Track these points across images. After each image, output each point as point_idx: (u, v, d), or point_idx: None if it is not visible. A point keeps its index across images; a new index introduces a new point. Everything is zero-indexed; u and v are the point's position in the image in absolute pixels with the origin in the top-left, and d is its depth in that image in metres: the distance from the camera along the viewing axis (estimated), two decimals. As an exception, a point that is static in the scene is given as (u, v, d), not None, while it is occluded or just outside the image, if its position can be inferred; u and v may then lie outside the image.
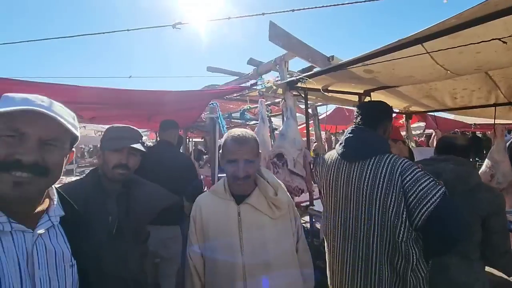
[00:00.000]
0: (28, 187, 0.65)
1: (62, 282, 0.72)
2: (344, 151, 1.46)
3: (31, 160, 0.64)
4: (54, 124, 0.68)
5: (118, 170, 1.26)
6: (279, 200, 1.22)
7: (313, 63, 3.17)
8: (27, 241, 0.67)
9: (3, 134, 0.64)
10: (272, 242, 1.19)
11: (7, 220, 0.65)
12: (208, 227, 1.22)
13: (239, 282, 1.14)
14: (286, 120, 2.91)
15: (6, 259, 0.63)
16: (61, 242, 0.75)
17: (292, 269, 1.25)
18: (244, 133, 1.22)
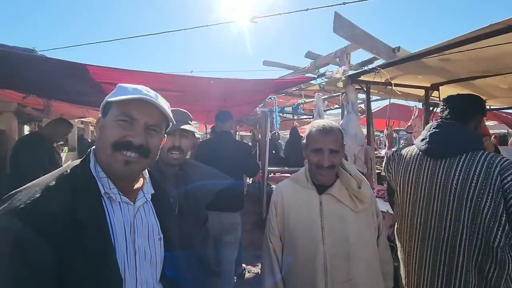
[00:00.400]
0: (134, 165, 0.73)
1: (153, 252, 0.80)
2: (429, 147, 1.36)
3: (140, 142, 0.73)
4: (157, 112, 0.77)
5: (173, 153, 1.30)
6: (362, 193, 1.20)
7: (377, 54, 3.00)
8: (130, 212, 0.76)
9: (119, 119, 0.73)
10: (354, 234, 1.17)
11: (117, 192, 0.74)
12: (289, 213, 1.25)
13: (320, 270, 1.15)
14: (346, 114, 2.82)
15: (116, 225, 0.72)
16: (152, 216, 0.83)
17: (374, 264, 1.23)
18: (329, 123, 1.22)
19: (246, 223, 5.16)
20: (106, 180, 0.73)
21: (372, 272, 1.21)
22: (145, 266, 0.77)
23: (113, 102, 0.74)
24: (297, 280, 1.21)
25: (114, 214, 0.73)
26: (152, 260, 0.79)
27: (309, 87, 3.35)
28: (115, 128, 0.72)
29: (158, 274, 0.81)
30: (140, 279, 0.74)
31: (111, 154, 0.71)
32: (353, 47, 3.01)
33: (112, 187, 0.73)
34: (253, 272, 3.39)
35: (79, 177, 0.71)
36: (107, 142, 0.71)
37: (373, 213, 1.28)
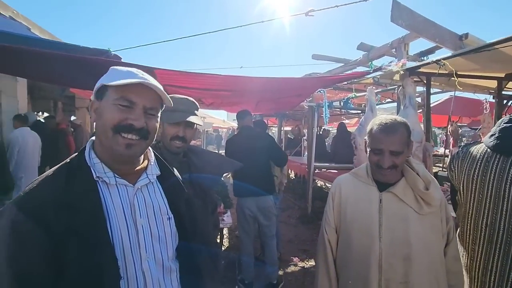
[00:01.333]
0: (136, 148, 0.75)
1: (161, 231, 0.82)
2: (498, 143, 1.24)
3: (140, 125, 0.74)
4: (154, 95, 0.78)
5: (175, 142, 1.30)
6: (429, 195, 1.12)
7: (440, 43, 2.76)
8: (129, 193, 0.78)
9: (119, 104, 0.73)
10: (416, 237, 1.11)
11: (113, 175, 0.76)
12: (346, 206, 1.24)
13: (374, 267, 1.13)
14: (403, 109, 2.66)
15: (114, 206, 0.74)
16: (158, 197, 0.84)
17: (438, 271, 1.14)
18: (393, 120, 1.13)
19: (290, 217, 5.22)
20: (100, 165, 0.75)
21: (435, 279, 1.13)
22: (151, 243, 0.79)
23: (110, 86, 0.74)
24: (350, 274, 1.20)
25: (111, 197, 0.75)
26: (160, 238, 0.81)
27: (361, 80, 3.21)
28: (115, 111, 0.73)
29: (169, 251, 0.83)
30: (146, 256, 0.77)
31: (112, 137, 0.72)
32: (412, 36, 2.80)
33: (106, 171, 0.75)
34: (299, 266, 3.42)
35: (74, 165, 0.75)
36: (107, 125, 0.72)
37: (442, 219, 1.18)
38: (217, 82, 2.55)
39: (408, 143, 1.14)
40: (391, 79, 2.82)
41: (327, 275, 1.27)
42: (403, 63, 2.26)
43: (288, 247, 3.91)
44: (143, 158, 0.86)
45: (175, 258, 0.86)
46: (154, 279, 0.78)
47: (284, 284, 2.98)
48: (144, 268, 0.76)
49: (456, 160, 1.49)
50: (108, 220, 0.72)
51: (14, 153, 3.75)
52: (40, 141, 4.09)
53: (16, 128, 3.89)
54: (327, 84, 2.84)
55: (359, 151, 3.31)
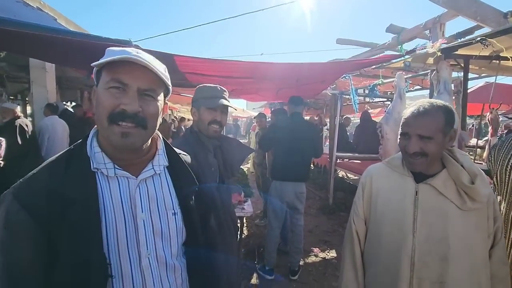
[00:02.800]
0: (133, 137, 0.68)
1: (165, 227, 0.75)
2: None
3: (134, 109, 0.67)
4: (151, 75, 0.69)
5: (213, 126, 1.37)
6: (475, 190, 1.00)
7: (481, 22, 2.50)
8: (130, 186, 0.72)
9: (110, 86, 0.67)
10: (456, 236, 1.01)
11: (113, 167, 0.70)
12: (377, 197, 1.16)
13: (406, 264, 1.04)
14: (437, 95, 2.46)
15: (112, 199, 0.69)
16: (165, 190, 0.78)
17: (480, 275, 1.03)
18: (430, 103, 1.03)
19: (311, 207, 5.15)
20: (100, 155, 0.70)
21: (476, 283, 1.02)
22: (153, 240, 0.73)
23: (102, 69, 0.69)
24: (378, 269, 1.13)
25: (110, 189, 0.70)
26: (164, 235, 0.75)
27: (390, 65, 3.01)
28: (107, 97, 0.67)
29: (173, 249, 0.78)
30: (146, 253, 0.71)
31: (108, 126, 0.67)
32: (449, 15, 2.56)
33: (107, 162, 0.70)
34: (320, 257, 3.37)
35: (75, 153, 0.70)
36: (102, 114, 0.67)
37: (489, 216, 1.05)
38: (238, 69, 2.48)
39: (445, 131, 1.01)
40: (424, 63, 2.62)
41: (354, 267, 1.20)
42: (442, 42, 2.06)
43: (309, 238, 3.86)
44: (151, 146, 0.79)
45: (181, 255, 0.81)
46: (155, 277, 0.73)
47: (305, 275, 2.95)
48: (143, 266, 0.71)
49: (493, 150, 1.40)
50: (104, 214, 0.67)
51: (44, 140, 3.93)
52: (68, 128, 4.26)
53: (46, 117, 4.06)
54: (354, 68, 2.68)
55: (385, 140, 3.15)
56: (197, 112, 1.42)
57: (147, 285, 0.72)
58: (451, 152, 1.10)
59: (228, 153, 1.50)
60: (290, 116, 2.96)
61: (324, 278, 2.91)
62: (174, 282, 0.78)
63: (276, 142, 2.84)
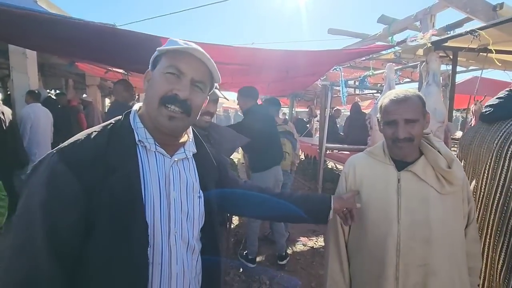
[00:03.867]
0: (178, 122, 0.73)
1: (191, 208, 0.80)
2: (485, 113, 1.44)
3: (185, 96, 0.72)
4: (204, 68, 0.75)
5: (205, 117, 1.37)
6: (452, 174, 1.06)
7: (471, 14, 2.52)
8: (166, 164, 0.76)
9: (168, 71, 0.72)
10: (437, 218, 1.06)
11: (154, 142, 0.75)
12: (361, 186, 1.18)
13: (392, 250, 1.07)
14: (426, 86, 2.48)
15: (150, 173, 0.73)
16: (192, 174, 0.83)
17: (458, 254, 1.10)
18: (404, 91, 1.10)
19: (300, 198, 5.20)
20: (143, 130, 0.75)
21: (455, 262, 1.08)
22: (180, 219, 0.77)
23: (163, 55, 0.74)
24: (364, 257, 1.16)
25: (149, 163, 0.74)
26: (189, 216, 0.80)
27: (380, 57, 3.01)
28: (163, 81, 0.72)
29: (195, 231, 0.82)
30: (174, 230, 0.75)
31: (158, 108, 0.72)
32: (440, 6, 2.56)
33: (148, 137, 0.74)
34: (308, 246, 3.42)
35: (118, 126, 0.74)
36: (155, 95, 0.72)
37: (464, 199, 1.13)
38: (229, 54, 2.42)
39: (424, 113, 1.08)
40: (414, 54, 2.63)
41: (339, 258, 1.23)
42: (432, 33, 2.06)
43: (297, 227, 3.90)
44: (184, 133, 0.85)
45: (199, 239, 0.85)
46: (179, 255, 0.77)
47: (293, 263, 2.99)
48: (171, 242, 0.75)
49: (462, 137, 1.61)
50: (143, 186, 0.71)
51: (27, 129, 3.78)
52: (51, 117, 4.11)
53: (28, 104, 3.90)
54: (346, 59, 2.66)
55: (374, 131, 3.19)
56: None
57: (172, 260, 0.75)
58: (428, 140, 1.14)
59: (216, 143, 1.48)
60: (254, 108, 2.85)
61: (311, 266, 2.96)
62: (191, 262, 0.81)
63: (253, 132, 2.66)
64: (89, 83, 6.73)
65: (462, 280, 1.09)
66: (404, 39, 2.19)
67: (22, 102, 4.01)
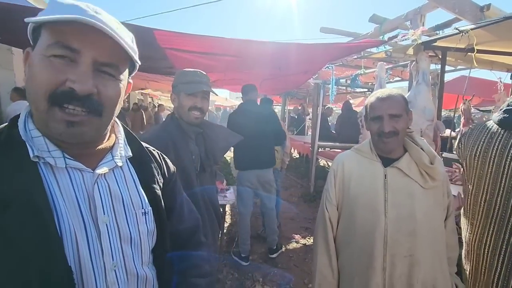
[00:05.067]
0: (83, 127, 0.52)
1: (135, 231, 0.61)
2: (506, 117, 1.21)
3: (86, 90, 0.50)
4: (112, 44, 0.51)
5: (194, 112, 1.34)
6: (435, 169, 1.14)
7: (459, 15, 2.57)
8: (86, 181, 0.56)
9: (53, 54, 0.48)
10: (421, 212, 1.13)
11: (62, 155, 0.53)
12: (349, 183, 1.22)
13: (380, 242, 1.12)
14: (416, 85, 2.53)
15: (64, 198, 0.53)
16: (131, 185, 0.64)
17: (439, 244, 1.17)
18: (388, 90, 1.19)
19: (292, 195, 5.23)
20: (42, 140, 0.53)
21: (436, 252, 1.16)
22: (121, 248, 0.59)
23: (42, 27, 0.49)
24: (353, 250, 1.20)
25: (59, 185, 0.53)
26: (133, 241, 0.61)
27: (372, 55, 3.05)
28: (47, 69, 0.49)
29: (144, 256, 0.64)
30: (113, 265, 0.57)
31: (48, 110, 0.50)
32: (430, 6, 2.61)
33: (52, 149, 0.53)
34: (301, 243, 3.45)
35: (2, 140, 0.51)
36: (39, 93, 0.49)
37: (444, 193, 1.21)
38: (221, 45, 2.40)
39: (407, 110, 1.15)
40: (404, 53, 2.67)
41: (327, 253, 1.27)
42: (422, 30, 2.10)
43: (290, 225, 3.94)
44: (109, 133, 0.63)
45: (151, 262, 0.68)
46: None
47: (286, 260, 3.01)
48: (109, 281, 0.57)
49: (463, 137, 1.50)
50: (57, 219, 0.50)
51: (13, 127, 3.68)
52: (39, 115, 4.01)
53: (14, 102, 3.79)
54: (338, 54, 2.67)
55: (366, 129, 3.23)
56: (177, 98, 1.38)
57: None
58: (411, 137, 1.21)
59: (210, 141, 1.46)
60: (244, 104, 2.91)
61: (304, 263, 2.99)
62: None
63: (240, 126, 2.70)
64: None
65: (442, 268, 1.17)
66: (395, 35, 2.23)
67: (8, 100, 3.91)
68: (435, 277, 1.14)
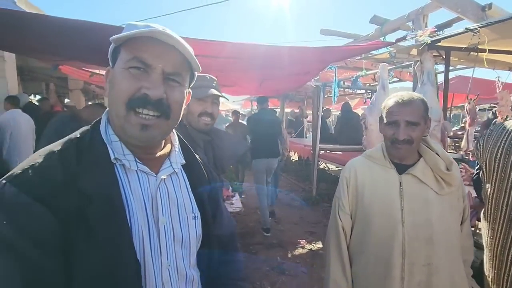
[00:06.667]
0: (154, 130, 0.59)
1: (186, 234, 0.66)
2: None
3: (157, 95, 0.57)
4: (178, 56, 0.59)
5: (204, 118, 1.28)
6: (452, 176, 1.10)
7: (462, 14, 2.56)
8: (151, 184, 0.63)
9: (130, 66, 0.57)
10: (438, 218, 1.10)
11: (134, 159, 0.61)
12: (363, 191, 1.19)
13: (398, 251, 1.09)
14: (421, 86, 2.51)
15: (133, 198, 0.59)
16: (184, 191, 0.69)
17: (455, 249, 1.14)
18: (409, 94, 1.13)
19: (295, 199, 5.17)
20: (119, 144, 0.60)
21: (454, 257, 1.13)
22: (174, 249, 0.64)
23: (122, 46, 0.58)
24: (369, 259, 1.17)
25: (130, 185, 0.59)
26: (184, 243, 0.66)
27: (375, 56, 3.02)
28: (126, 78, 0.57)
29: (192, 258, 0.69)
30: (167, 264, 0.62)
31: (126, 115, 0.57)
32: (432, 6, 2.60)
33: (126, 153, 0.60)
34: (307, 248, 3.38)
35: (87, 141, 0.59)
36: (119, 99, 0.57)
37: (459, 197, 1.18)
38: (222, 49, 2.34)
39: (425, 118, 1.11)
40: (408, 54, 2.65)
41: (341, 262, 1.23)
42: (431, 31, 2.07)
43: (295, 230, 3.87)
44: (166, 141, 0.70)
45: (196, 264, 0.72)
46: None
47: (294, 267, 2.94)
48: (164, 280, 0.61)
49: (482, 139, 1.46)
50: (129, 216, 0.57)
51: (6, 137, 3.54)
52: (33, 124, 3.89)
53: (7, 111, 3.67)
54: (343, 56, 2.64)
55: (369, 131, 3.19)
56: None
57: None
58: (425, 142, 1.17)
59: (219, 149, 1.40)
60: (259, 111, 4.06)
61: (312, 269, 2.92)
62: None
63: (252, 130, 4.03)
64: (72, 87, 6.47)
65: (460, 273, 1.14)
66: (404, 36, 2.20)
67: (0, 108, 3.78)
68: (453, 282, 1.11)
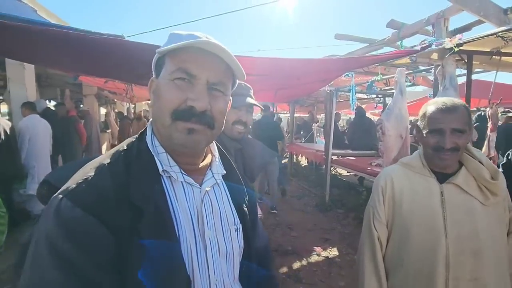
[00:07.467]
0: (199, 135, 0.58)
1: (229, 247, 0.64)
2: None
3: (203, 107, 0.56)
4: (222, 65, 0.58)
5: (238, 126, 1.28)
6: (497, 185, 1.05)
7: (484, 18, 2.51)
8: (196, 196, 0.61)
9: (175, 77, 0.56)
10: (484, 229, 1.04)
11: (180, 171, 0.60)
12: (401, 200, 1.14)
13: (441, 264, 1.04)
14: (443, 90, 2.46)
15: (180, 210, 0.57)
16: (225, 202, 0.67)
17: (503, 263, 1.09)
18: (450, 100, 1.08)
19: (307, 205, 5.11)
20: (165, 156, 0.59)
21: (502, 272, 1.07)
22: (219, 263, 0.62)
23: (166, 56, 0.58)
24: (408, 272, 1.11)
25: (177, 198, 0.58)
26: (228, 257, 0.64)
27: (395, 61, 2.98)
28: (171, 90, 0.56)
29: (236, 272, 0.66)
30: (215, 279, 0.60)
31: (171, 124, 0.56)
32: (454, 10, 2.55)
33: (172, 164, 0.59)
34: (323, 256, 3.32)
35: (134, 152, 0.58)
36: (164, 110, 0.56)
37: (505, 207, 1.12)
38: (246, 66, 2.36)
39: (470, 125, 1.06)
40: (429, 58, 2.60)
41: (376, 275, 1.17)
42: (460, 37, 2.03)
43: (309, 237, 3.81)
44: (207, 152, 0.69)
45: (238, 279, 0.69)
46: None
47: (310, 276, 2.89)
48: None
49: None
50: (177, 229, 0.55)
51: (25, 141, 3.62)
52: (50, 128, 3.96)
53: (25, 116, 3.75)
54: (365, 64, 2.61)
55: (387, 137, 3.14)
56: None
57: None
58: (468, 150, 1.11)
59: (249, 157, 1.39)
60: (263, 117, 4.89)
61: (330, 278, 2.85)
62: None
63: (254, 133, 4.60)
64: (86, 92, 6.59)
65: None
66: (429, 44, 2.16)
67: (20, 114, 3.87)
68: None
